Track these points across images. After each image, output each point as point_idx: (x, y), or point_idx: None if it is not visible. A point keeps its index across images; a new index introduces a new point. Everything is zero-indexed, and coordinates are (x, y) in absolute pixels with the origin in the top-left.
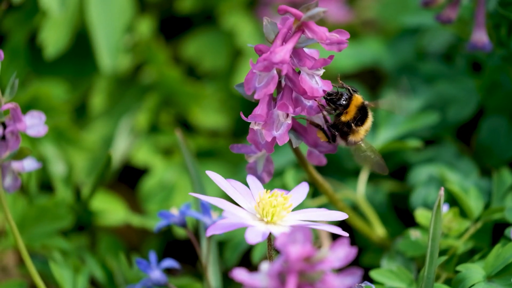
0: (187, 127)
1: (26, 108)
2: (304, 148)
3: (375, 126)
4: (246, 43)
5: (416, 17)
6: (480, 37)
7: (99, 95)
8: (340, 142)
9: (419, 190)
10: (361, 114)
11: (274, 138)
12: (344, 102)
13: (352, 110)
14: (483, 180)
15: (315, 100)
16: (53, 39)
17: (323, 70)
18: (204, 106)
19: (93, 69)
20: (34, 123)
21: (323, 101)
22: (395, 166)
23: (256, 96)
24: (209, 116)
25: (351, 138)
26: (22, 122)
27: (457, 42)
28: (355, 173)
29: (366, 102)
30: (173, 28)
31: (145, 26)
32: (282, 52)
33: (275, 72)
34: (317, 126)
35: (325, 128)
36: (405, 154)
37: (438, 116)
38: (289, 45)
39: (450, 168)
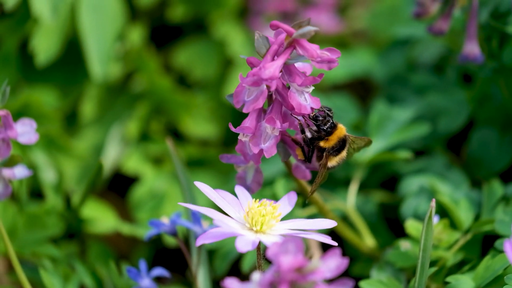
0: (178, 135)
1: (17, 115)
2: (293, 159)
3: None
4: (237, 52)
5: (407, 28)
6: (472, 49)
7: (90, 103)
8: (315, 164)
9: (410, 200)
10: (340, 146)
11: (261, 151)
12: (328, 129)
13: (333, 140)
14: (473, 191)
15: (303, 117)
16: (44, 46)
17: (313, 88)
18: (194, 115)
19: (84, 76)
20: (25, 131)
21: (308, 121)
22: (386, 177)
23: (244, 110)
24: (200, 125)
25: (324, 162)
26: (14, 129)
27: (448, 54)
28: (346, 183)
29: (348, 135)
30: (164, 36)
31: (136, 34)
32: (271, 68)
33: (264, 87)
34: (297, 143)
35: (304, 147)
36: (395, 165)
37: (428, 127)
38: (280, 61)
39: (440, 179)
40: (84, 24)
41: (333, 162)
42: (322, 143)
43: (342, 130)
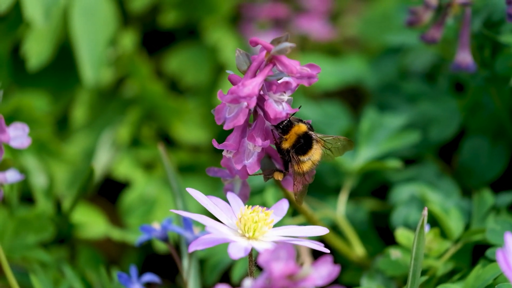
0: (169, 141)
1: (8, 119)
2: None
3: (356, 144)
4: (229, 58)
5: (399, 36)
6: (464, 57)
7: (81, 108)
8: (290, 170)
9: (400, 209)
10: (303, 143)
11: (245, 167)
12: (284, 127)
13: (291, 137)
14: (464, 200)
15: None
16: (36, 50)
17: (289, 97)
18: (186, 121)
19: (75, 81)
20: (17, 135)
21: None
22: (376, 185)
23: (225, 127)
24: (191, 131)
25: (296, 168)
26: (6, 133)
27: (440, 62)
28: (336, 191)
29: (312, 133)
30: (156, 42)
31: (128, 40)
32: (250, 86)
33: (245, 104)
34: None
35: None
36: (386, 173)
37: (419, 135)
38: (259, 79)
39: (431, 188)
40: (76, 29)
41: (306, 166)
42: (283, 145)
43: (300, 127)
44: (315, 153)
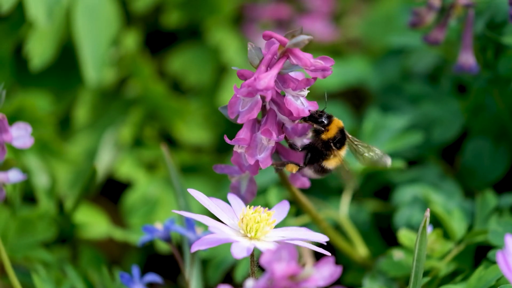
0: (171, 142)
1: (11, 119)
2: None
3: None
4: (231, 59)
5: (402, 37)
6: (467, 59)
7: (84, 108)
8: (311, 169)
9: (403, 210)
10: (341, 137)
11: (257, 162)
12: (325, 120)
13: (333, 129)
14: (467, 202)
15: (303, 121)
16: (39, 50)
17: (307, 91)
18: (188, 121)
19: (78, 81)
20: (20, 135)
21: (306, 123)
22: (379, 186)
23: (239, 121)
24: (193, 131)
25: (325, 163)
26: (9, 133)
27: (443, 64)
28: (339, 192)
29: (345, 131)
30: (158, 42)
31: (131, 40)
32: (266, 79)
33: (259, 97)
34: (294, 148)
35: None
36: (388, 174)
37: (422, 136)
38: (274, 71)
39: (433, 189)
40: (79, 28)
41: (336, 160)
42: (324, 136)
43: (339, 121)
44: (344, 149)
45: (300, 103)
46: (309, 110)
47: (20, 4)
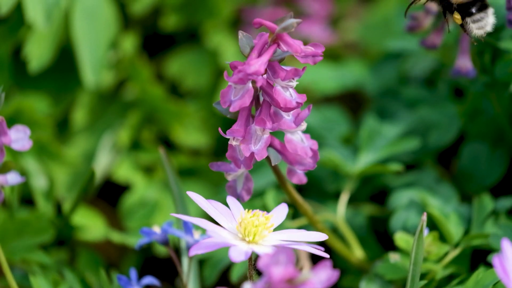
0: (169, 145)
1: (9, 121)
2: (283, 168)
3: (356, 150)
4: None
5: (399, 42)
6: (464, 63)
7: (82, 110)
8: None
9: (399, 214)
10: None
11: (252, 154)
12: None
13: None
14: (463, 206)
15: None
16: (37, 53)
17: (296, 82)
18: (186, 124)
19: (76, 84)
20: (19, 137)
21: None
22: (376, 190)
23: (231, 109)
24: (191, 134)
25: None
26: (7, 135)
27: (440, 68)
28: (336, 196)
29: None
30: (156, 45)
31: (129, 43)
32: (257, 64)
33: (250, 85)
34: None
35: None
36: (385, 178)
37: (419, 142)
38: (264, 58)
39: (430, 193)
40: (77, 31)
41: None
42: None
43: None
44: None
45: (289, 94)
46: (297, 102)
47: (19, 6)
